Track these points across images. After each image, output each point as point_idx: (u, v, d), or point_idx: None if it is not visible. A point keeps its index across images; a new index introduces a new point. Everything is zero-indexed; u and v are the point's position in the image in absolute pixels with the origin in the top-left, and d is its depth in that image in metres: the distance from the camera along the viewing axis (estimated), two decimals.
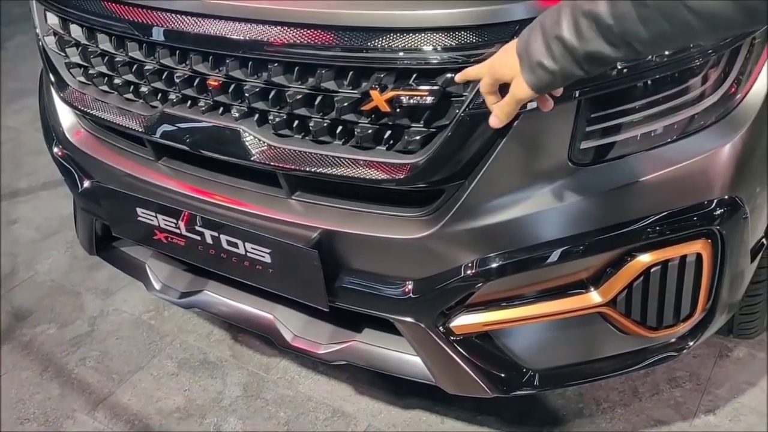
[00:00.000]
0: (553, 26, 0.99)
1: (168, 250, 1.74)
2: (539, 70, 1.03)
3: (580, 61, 0.99)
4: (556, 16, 0.98)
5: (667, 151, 1.31)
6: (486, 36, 1.21)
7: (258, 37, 1.35)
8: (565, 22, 0.97)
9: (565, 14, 0.97)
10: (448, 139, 1.28)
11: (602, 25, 0.92)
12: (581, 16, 0.95)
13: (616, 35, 0.92)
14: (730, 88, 1.32)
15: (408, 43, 1.24)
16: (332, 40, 1.29)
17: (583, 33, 0.95)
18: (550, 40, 1.00)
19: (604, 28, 0.93)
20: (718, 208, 1.35)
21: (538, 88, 1.07)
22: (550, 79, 1.04)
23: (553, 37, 0.99)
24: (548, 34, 1.00)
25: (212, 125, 1.50)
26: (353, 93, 1.32)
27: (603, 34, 0.93)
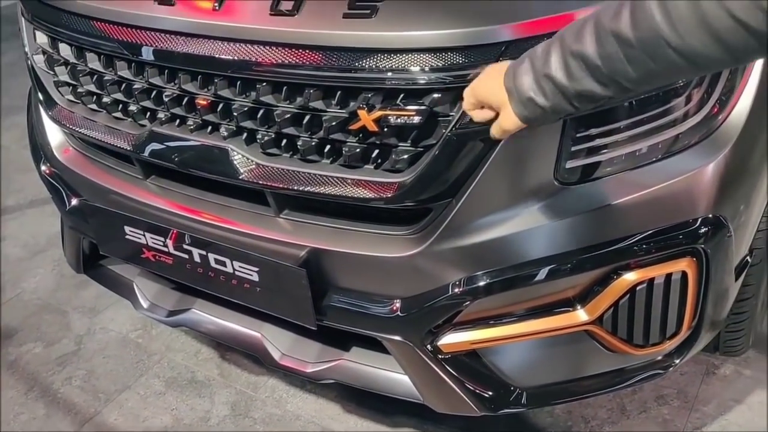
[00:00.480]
0: (543, 65, 0.99)
1: (156, 269, 1.73)
2: (530, 104, 1.03)
3: (570, 99, 0.99)
4: (545, 55, 0.99)
5: (652, 171, 1.33)
6: (472, 57, 1.23)
7: (246, 57, 1.36)
8: (555, 61, 0.97)
9: (555, 53, 0.98)
10: (435, 158, 1.29)
11: (590, 65, 0.93)
12: (570, 57, 0.95)
13: (605, 75, 0.93)
14: (713, 108, 1.34)
15: (395, 63, 1.25)
16: (320, 60, 1.30)
17: (573, 72, 0.96)
18: (540, 78, 1.00)
19: (592, 68, 0.93)
20: (702, 227, 1.36)
21: (528, 120, 1.07)
22: (541, 114, 1.04)
23: (543, 75, 0.99)
24: (538, 72, 1.00)
25: (201, 144, 1.50)
26: (341, 112, 1.33)
27: (592, 74, 0.94)
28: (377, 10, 1.26)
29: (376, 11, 1.26)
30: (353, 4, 1.28)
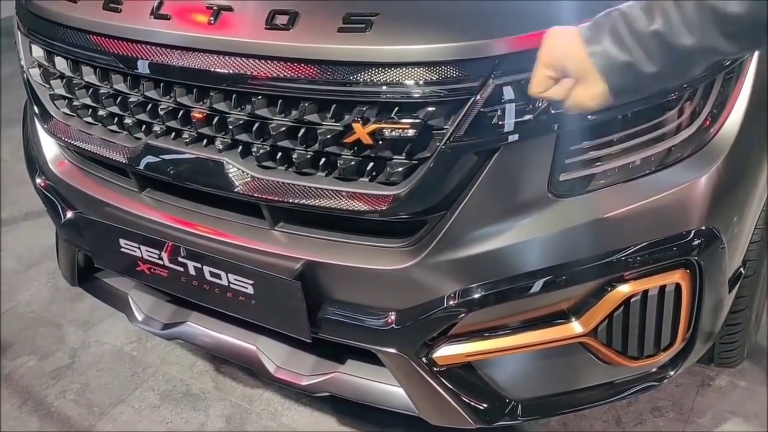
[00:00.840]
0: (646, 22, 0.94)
1: (151, 282, 1.73)
2: (627, 70, 0.97)
3: (682, 59, 0.93)
4: (647, 13, 0.94)
5: (645, 183, 1.34)
6: (467, 70, 1.24)
7: (242, 70, 1.36)
8: (667, 14, 0.92)
9: (666, 7, 0.92)
10: (429, 171, 1.29)
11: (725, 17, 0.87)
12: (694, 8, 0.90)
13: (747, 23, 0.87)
14: (705, 122, 1.35)
15: (390, 77, 1.26)
16: (315, 73, 1.31)
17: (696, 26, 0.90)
18: (642, 38, 0.95)
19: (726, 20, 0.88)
20: (695, 239, 1.37)
21: (619, 90, 1.01)
22: (636, 82, 0.99)
23: (649, 33, 0.94)
24: (639, 31, 0.95)
25: (196, 157, 1.51)
26: (336, 125, 1.33)
27: (721, 26, 0.88)
28: (371, 25, 1.27)
29: (370, 25, 1.27)
30: (348, 19, 1.29)
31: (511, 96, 1.24)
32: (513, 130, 1.25)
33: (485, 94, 1.24)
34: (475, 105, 1.24)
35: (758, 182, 1.48)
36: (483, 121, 1.25)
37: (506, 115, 1.25)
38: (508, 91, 1.24)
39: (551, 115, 1.25)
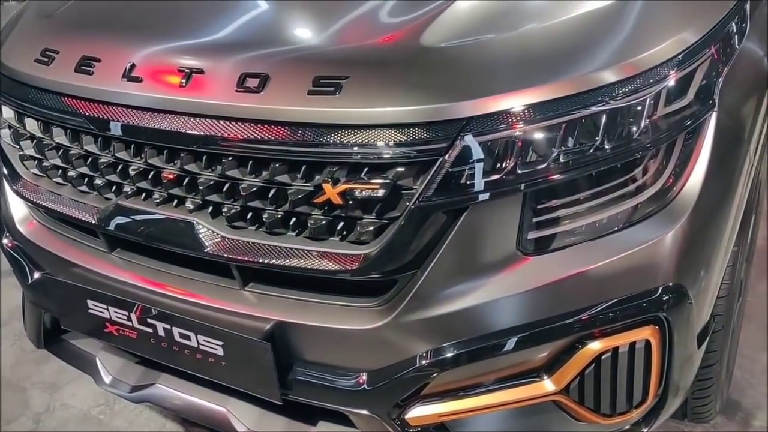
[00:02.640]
0: None
1: (119, 343, 1.70)
2: None
3: None
4: None
5: (612, 241, 1.35)
6: (435, 132, 1.26)
7: (213, 132, 1.37)
8: None
9: None
10: (399, 230, 1.30)
11: None
12: None
13: None
14: (668, 180, 1.38)
15: (359, 138, 1.28)
16: (285, 135, 1.32)
17: None
18: None
19: None
20: (663, 295, 1.38)
21: None
22: None
23: None
24: None
25: (166, 217, 1.50)
26: (306, 186, 1.34)
27: None
28: (341, 88, 1.29)
29: (340, 88, 1.29)
30: (318, 82, 1.31)
31: (479, 156, 1.27)
32: (481, 190, 1.27)
33: (453, 155, 1.26)
34: (443, 165, 1.26)
35: (722, 238, 1.51)
36: (452, 181, 1.27)
37: (474, 175, 1.27)
38: (476, 152, 1.26)
39: (519, 175, 1.28)
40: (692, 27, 1.42)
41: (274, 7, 1.63)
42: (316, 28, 1.50)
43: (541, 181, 1.29)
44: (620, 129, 1.32)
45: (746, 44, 1.57)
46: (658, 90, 1.34)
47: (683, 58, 1.37)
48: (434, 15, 1.40)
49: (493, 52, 1.35)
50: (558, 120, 1.28)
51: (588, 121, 1.30)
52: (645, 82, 1.33)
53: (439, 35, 1.36)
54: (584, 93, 1.29)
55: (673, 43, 1.38)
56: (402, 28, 1.41)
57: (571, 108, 1.28)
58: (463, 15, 1.42)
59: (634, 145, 1.32)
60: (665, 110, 1.35)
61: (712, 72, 1.42)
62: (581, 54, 1.33)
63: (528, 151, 1.29)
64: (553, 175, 1.29)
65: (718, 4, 1.53)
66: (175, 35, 1.57)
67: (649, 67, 1.33)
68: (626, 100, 1.31)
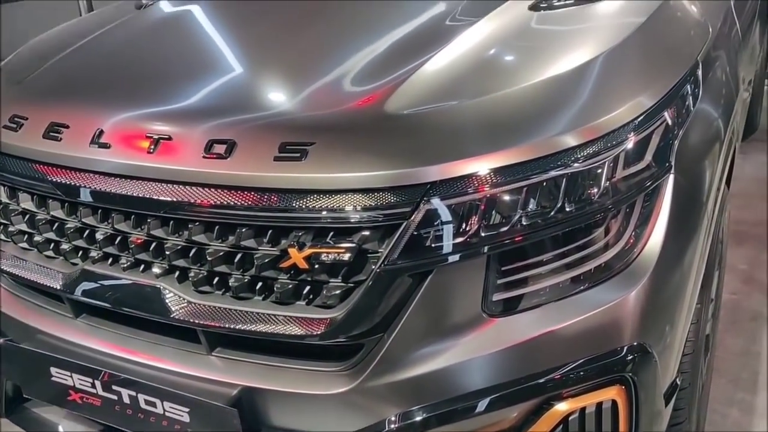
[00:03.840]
0: None
1: (83, 411, 1.67)
2: None
3: None
4: None
5: (576, 301, 1.37)
6: (399, 196, 1.28)
7: (180, 198, 1.39)
8: None
9: None
10: (365, 294, 1.31)
11: None
12: None
13: None
14: (629, 240, 1.40)
15: (325, 203, 1.30)
16: (252, 201, 1.34)
17: None
18: None
19: None
20: (628, 355, 1.39)
21: None
22: None
23: None
24: None
25: (132, 282, 1.50)
26: (272, 250, 1.35)
27: None
28: (307, 153, 1.32)
29: (305, 154, 1.32)
30: (284, 148, 1.33)
31: (443, 220, 1.29)
32: (445, 253, 1.29)
33: (418, 219, 1.28)
34: (408, 229, 1.28)
35: (684, 296, 1.53)
36: (416, 244, 1.28)
37: (438, 238, 1.29)
38: (440, 215, 1.29)
39: (483, 238, 1.30)
40: (649, 91, 1.47)
41: (241, 72, 1.67)
42: (283, 94, 1.54)
43: (504, 244, 1.31)
44: (581, 192, 1.35)
45: (700, 107, 1.62)
46: (617, 153, 1.38)
47: (640, 121, 1.42)
48: (399, 82, 1.44)
49: (456, 118, 1.39)
50: (520, 183, 1.31)
51: (550, 184, 1.33)
52: (604, 146, 1.36)
53: (404, 102, 1.40)
54: (546, 157, 1.33)
55: (631, 107, 1.42)
56: (367, 95, 1.44)
57: (533, 172, 1.32)
58: (426, 82, 1.46)
59: (594, 207, 1.35)
60: (624, 173, 1.38)
61: (668, 135, 1.46)
62: (542, 119, 1.37)
63: (491, 214, 1.31)
64: (517, 238, 1.31)
65: (673, 68, 1.59)
66: (143, 101, 1.59)
67: (608, 131, 1.38)
68: (586, 164, 1.35)
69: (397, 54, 1.62)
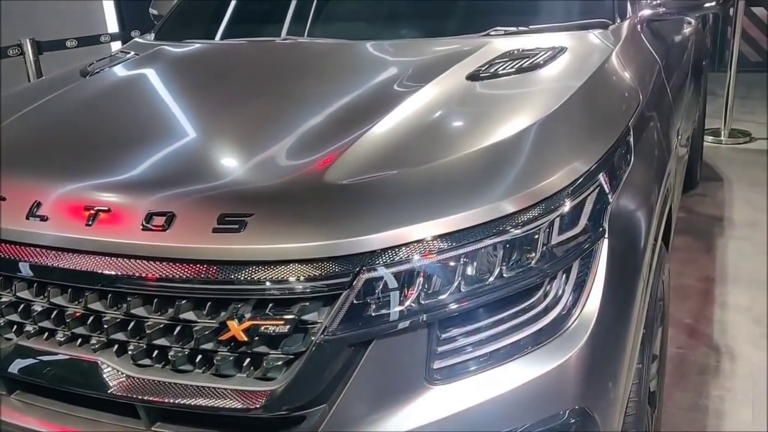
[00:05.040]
0: None
1: None
2: None
3: None
4: None
5: (517, 367, 1.38)
6: (338, 266, 1.29)
7: (118, 271, 1.37)
8: None
9: None
10: (306, 366, 1.30)
11: None
12: None
13: None
14: (566, 305, 1.43)
15: (264, 275, 1.30)
16: (190, 273, 1.33)
17: None
18: None
19: None
20: (570, 419, 1.40)
21: None
22: None
23: None
24: None
25: (69, 358, 1.46)
26: (212, 323, 1.34)
27: None
28: (245, 225, 1.32)
29: (244, 225, 1.32)
30: (222, 219, 1.34)
31: (383, 289, 1.30)
32: (385, 322, 1.30)
33: (357, 289, 1.29)
34: (348, 299, 1.29)
35: (624, 357, 1.55)
36: (356, 314, 1.29)
37: (379, 308, 1.30)
38: (379, 285, 1.30)
39: (422, 306, 1.31)
40: (583, 156, 1.52)
41: (183, 143, 1.67)
42: (224, 165, 1.55)
43: (443, 312, 1.32)
44: (519, 257, 1.38)
45: (632, 171, 1.68)
46: (553, 219, 1.41)
47: (575, 187, 1.46)
48: (340, 152, 1.47)
49: (395, 187, 1.41)
50: (459, 251, 1.33)
51: (488, 250, 1.35)
52: (541, 212, 1.40)
53: (343, 172, 1.42)
54: (484, 224, 1.35)
55: (566, 173, 1.47)
56: (307, 165, 1.47)
57: (471, 239, 1.34)
58: (366, 152, 1.49)
59: (532, 272, 1.38)
60: (560, 238, 1.42)
61: (601, 200, 1.51)
62: (480, 187, 1.41)
63: (431, 282, 1.33)
64: (456, 305, 1.33)
65: (606, 134, 1.65)
66: (82, 172, 1.58)
67: (544, 197, 1.41)
68: (524, 230, 1.38)
69: (340, 122, 1.66)
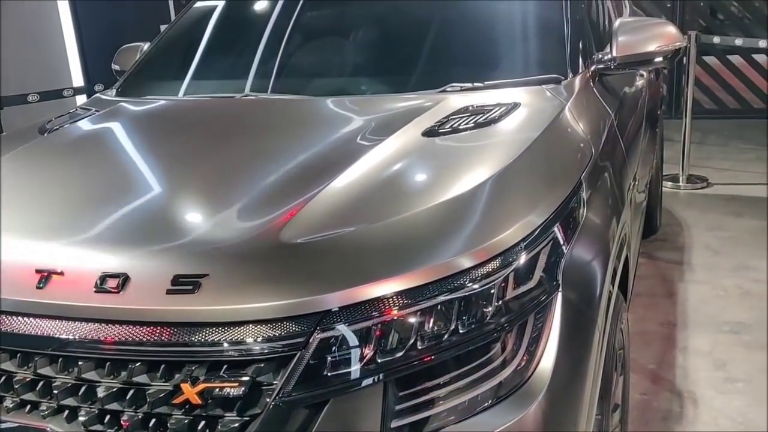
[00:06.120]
0: None
1: None
2: None
3: None
4: None
5: (474, 423, 1.37)
6: (292, 327, 1.29)
7: (69, 334, 1.36)
8: None
9: None
10: (261, 428, 1.29)
11: None
12: None
13: None
14: (522, 359, 1.43)
15: (218, 336, 1.29)
16: (143, 335, 1.32)
17: None
18: None
19: None
20: None
21: None
22: None
23: None
24: None
25: (17, 426, 1.42)
26: (165, 386, 1.32)
27: None
28: (199, 286, 1.32)
29: (198, 286, 1.32)
30: (176, 280, 1.33)
31: (338, 348, 1.30)
32: (341, 382, 1.29)
33: (312, 349, 1.29)
34: (303, 359, 1.28)
35: (581, 410, 1.55)
36: (311, 374, 1.28)
37: (334, 367, 1.29)
38: (334, 344, 1.30)
39: (379, 365, 1.31)
40: (537, 209, 1.55)
41: (137, 203, 1.67)
42: (178, 225, 1.55)
43: (401, 369, 1.32)
44: (475, 313, 1.38)
45: (585, 224, 1.71)
46: (508, 273, 1.43)
47: (530, 240, 1.48)
48: (293, 211, 1.48)
49: (350, 245, 1.42)
50: (415, 308, 1.34)
51: (444, 306, 1.36)
52: (497, 266, 1.42)
53: (298, 230, 1.43)
54: (440, 280, 1.36)
55: (522, 226, 1.49)
56: (262, 224, 1.47)
57: (427, 296, 1.35)
58: (322, 209, 1.50)
59: (488, 328, 1.39)
60: (515, 292, 1.43)
61: (555, 252, 1.53)
62: (436, 242, 1.42)
63: (387, 340, 1.33)
64: (412, 362, 1.33)
65: (559, 187, 1.68)
66: (34, 233, 1.57)
67: (500, 251, 1.43)
68: (480, 285, 1.39)
69: (297, 179, 1.67)
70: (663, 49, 2.33)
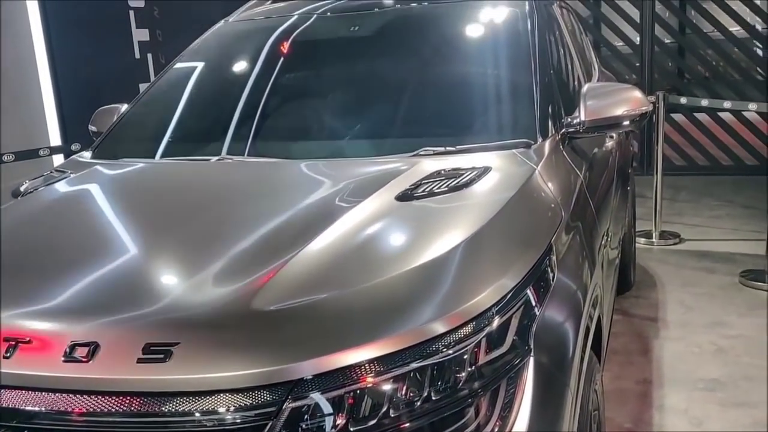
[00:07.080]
0: None
1: None
2: None
3: None
4: None
5: None
6: (264, 395, 1.28)
7: (37, 406, 1.33)
8: None
9: None
10: None
11: None
12: None
13: None
14: (496, 424, 1.43)
15: (189, 406, 1.28)
16: (113, 405, 1.30)
17: None
18: None
19: None
20: None
21: None
22: None
23: None
24: None
25: None
26: None
27: None
28: (171, 355, 1.31)
29: (170, 355, 1.31)
30: (147, 349, 1.33)
31: (310, 417, 1.29)
32: None
33: (283, 418, 1.28)
34: (274, 429, 1.27)
35: None
36: None
37: None
38: (305, 413, 1.29)
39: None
40: (510, 273, 1.57)
41: (107, 270, 1.66)
42: (149, 292, 1.54)
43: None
44: (447, 379, 1.38)
45: (556, 288, 1.72)
46: (481, 338, 1.43)
47: (503, 305, 1.49)
48: (266, 278, 1.48)
49: (323, 312, 1.43)
50: (388, 375, 1.34)
51: (416, 373, 1.36)
52: (470, 331, 1.42)
53: (270, 298, 1.43)
54: (413, 347, 1.37)
55: (494, 290, 1.50)
56: (234, 292, 1.47)
57: (401, 362, 1.35)
58: (294, 276, 1.51)
59: (461, 394, 1.39)
60: (487, 357, 1.44)
61: (527, 316, 1.55)
62: (410, 308, 1.43)
63: (359, 408, 1.32)
64: (385, 430, 1.32)
65: (530, 251, 1.70)
66: (1, 301, 1.55)
67: (473, 316, 1.44)
68: (453, 350, 1.39)
69: (270, 246, 1.67)
70: (630, 113, 2.40)
